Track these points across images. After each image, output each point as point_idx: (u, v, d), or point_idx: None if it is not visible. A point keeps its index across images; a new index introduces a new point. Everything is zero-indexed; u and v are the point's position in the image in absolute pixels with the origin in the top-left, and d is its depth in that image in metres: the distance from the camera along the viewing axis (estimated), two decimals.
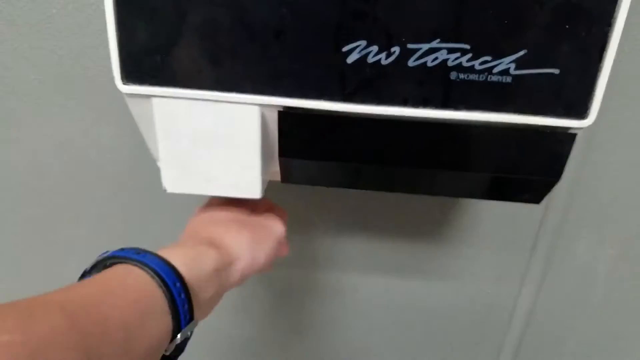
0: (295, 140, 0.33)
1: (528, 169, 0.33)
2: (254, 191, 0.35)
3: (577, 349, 0.68)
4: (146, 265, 0.28)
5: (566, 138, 0.31)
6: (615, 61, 0.29)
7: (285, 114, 0.32)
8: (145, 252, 0.30)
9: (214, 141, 0.34)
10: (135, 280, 0.28)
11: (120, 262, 0.29)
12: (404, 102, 0.31)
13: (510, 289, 0.62)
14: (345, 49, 0.30)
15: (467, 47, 0.30)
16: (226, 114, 0.33)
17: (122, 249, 0.30)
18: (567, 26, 0.29)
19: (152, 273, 0.28)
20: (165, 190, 0.36)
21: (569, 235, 0.57)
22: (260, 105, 0.32)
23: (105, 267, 0.29)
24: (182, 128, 0.34)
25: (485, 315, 0.64)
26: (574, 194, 0.54)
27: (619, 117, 0.50)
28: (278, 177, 0.37)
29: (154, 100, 0.33)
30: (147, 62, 0.32)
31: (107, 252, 0.30)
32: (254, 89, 0.31)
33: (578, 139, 0.48)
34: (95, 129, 0.52)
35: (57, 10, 0.46)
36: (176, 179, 0.35)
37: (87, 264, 0.30)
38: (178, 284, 0.29)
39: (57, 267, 0.61)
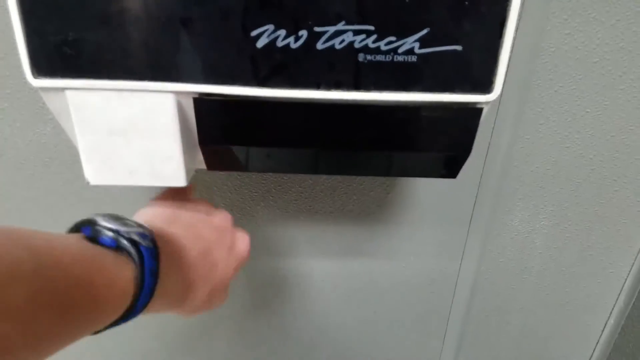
0: (213, 127, 0.33)
1: (440, 145, 0.34)
2: (178, 180, 0.35)
3: (521, 318, 0.71)
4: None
5: (473, 113, 0.33)
6: (538, 37, 0.30)
7: (201, 101, 0.32)
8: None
9: (133, 131, 0.34)
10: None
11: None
12: (317, 85, 0.32)
13: (452, 263, 0.64)
14: (253, 33, 0.30)
15: (372, 28, 0.30)
16: (142, 104, 0.32)
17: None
18: (466, 2, 0.30)
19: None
20: (88, 183, 0.36)
21: (504, 209, 0.60)
22: (175, 92, 0.32)
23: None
24: (99, 120, 0.34)
25: (431, 289, 0.66)
26: (506, 168, 0.56)
27: (546, 91, 0.52)
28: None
29: (68, 93, 0.33)
30: (57, 55, 0.31)
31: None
32: (166, 76, 0.31)
33: (508, 113, 0.50)
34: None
35: None
36: (98, 171, 0.35)
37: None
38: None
39: None
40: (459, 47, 0.31)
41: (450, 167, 0.35)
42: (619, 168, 0.58)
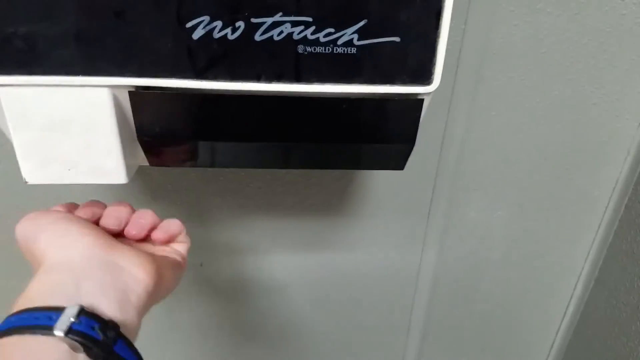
0: (151, 121, 0.32)
1: (384, 137, 0.34)
2: (119, 176, 0.34)
3: (483, 308, 0.73)
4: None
5: (415, 104, 0.33)
6: (487, 29, 0.29)
7: (137, 94, 0.31)
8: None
9: (69, 128, 0.33)
10: None
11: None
12: (258, 77, 0.31)
13: (413, 254, 0.65)
14: (189, 24, 0.30)
15: (310, 19, 0.30)
16: (77, 99, 0.32)
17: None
18: None
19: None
20: (25, 183, 0.34)
21: (461, 200, 0.60)
22: (110, 86, 0.31)
23: None
24: (34, 116, 0.32)
25: (394, 280, 0.67)
26: (461, 159, 0.57)
27: (498, 81, 0.53)
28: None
29: (0, 89, 0.32)
30: None
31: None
32: (101, 70, 0.30)
33: (461, 105, 0.50)
34: None
35: None
36: (35, 169, 0.34)
37: None
38: None
39: None
40: (397, 39, 0.31)
41: (396, 158, 0.36)
42: (572, 157, 0.59)
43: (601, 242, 0.67)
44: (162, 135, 0.32)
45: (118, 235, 0.35)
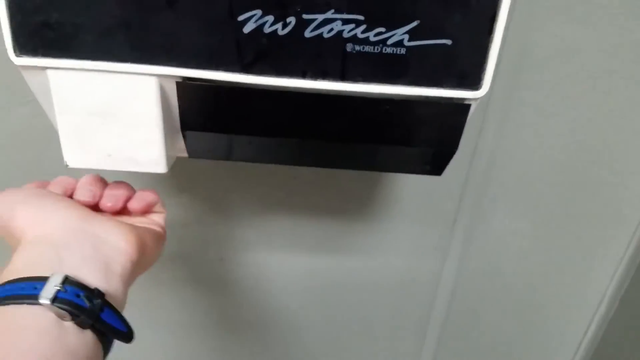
0: (196, 113, 0.32)
1: (426, 141, 0.33)
2: (159, 166, 0.34)
3: (501, 321, 0.71)
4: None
5: (461, 109, 0.32)
6: (526, 36, 0.29)
7: (184, 85, 0.31)
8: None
9: (113, 114, 0.33)
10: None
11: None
12: (303, 74, 0.31)
13: (434, 263, 0.64)
14: (240, 18, 0.30)
15: (362, 18, 0.30)
16: (123, 86, 0.32)
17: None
18: None
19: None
20: (66, 166, 0.35)
21: (487, 211, 0.59)
22: (157, 75, 0.31)
23: None
24: (79, 101, 0.33)
25: (411, 289, 0.66)
26: (491, 169, 0.56)
27: (535, 92, 0.52)
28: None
29: (49, 72, 0.32)
30: (39, 33, 0.30)
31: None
32: (149, 59, 0.31)
33: (496, 114, 0.49)
34: None
35: None
36: (77, 153, 0.34)
37: None
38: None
39: None
40: (448, 41, 0.30)
41: (435, 163, 0.35)
42: (606, 171, 0.58)
43: (630, 260, 0.65)
44: (205, 127, 0.33)
45: (94, 209, 0.34)
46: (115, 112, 0.33)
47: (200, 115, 0.32)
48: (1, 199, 0.32)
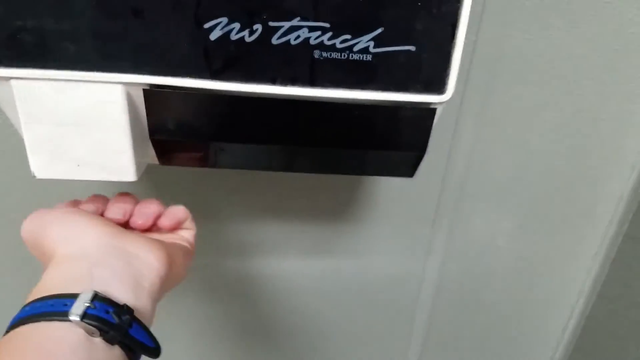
0: (164, 120, 0.32)
1: (395, 144, 0.34)
2: (128, 175, 0.34)
3: (485, 317, 0.72)
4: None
5: (427, 113, 0.33)
6: (498, 40, 0.30)
7: (151, 93, 0.31)
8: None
9: (81, 123, 0.33)
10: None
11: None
12: (273, 80, 0.31)
13: (416, 262, 0.65)
14: (207, 25, 0.30)
15: (327, 25, 0.30)
16: (90, 95, 0.31)
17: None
18: (419, 3, 0.30)
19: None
20: (34, 177, 0.34)
21: (466, 209, 0.60)
22: (124, 83, 0.31)
23: None
24: (46, 111, 0.32)
25: (397, 287, 0.67)
26: (468, 169, 0.57)
27: (507, 94, 0.53)
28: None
29: (13, 82, 0.31)
30: (2, 43, 0.30)
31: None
32: (116, 67, 0.31)
33: (469, 116, 0.50)
34: None
35: None
36: (45, 164, 0.34)
37: None
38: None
39: None
40: (412, 48, 0.31)
41: (406, 166, 0.36)
42: (577, 171, 0.59)
43: (604, 256, 0.67)
44: (174, 134, 0.32)
45: (124, 226, 0.35)
46: (82, 121, 0.32)
47: (169, 123, 0.32)
48: (33, 219, 0.33)
